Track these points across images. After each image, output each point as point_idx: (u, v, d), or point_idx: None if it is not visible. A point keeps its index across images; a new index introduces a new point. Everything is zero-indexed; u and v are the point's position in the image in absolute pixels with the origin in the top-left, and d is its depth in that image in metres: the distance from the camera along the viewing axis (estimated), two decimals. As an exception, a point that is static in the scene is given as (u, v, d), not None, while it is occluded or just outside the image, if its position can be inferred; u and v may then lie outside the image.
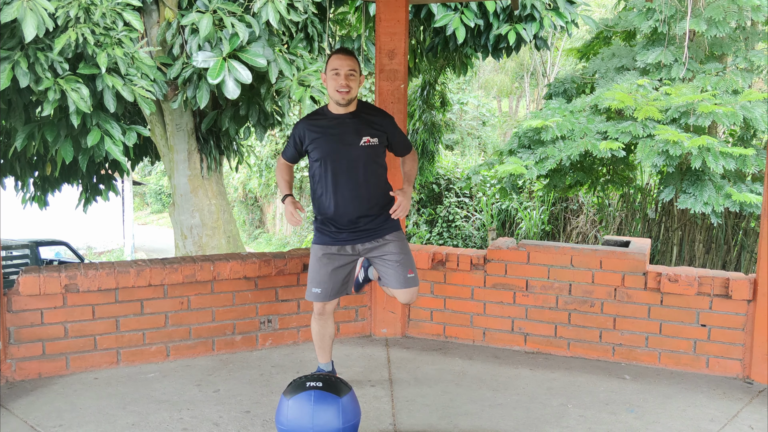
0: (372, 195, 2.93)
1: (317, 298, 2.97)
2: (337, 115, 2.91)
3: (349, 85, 2.83)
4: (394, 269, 2.94)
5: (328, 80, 2.86)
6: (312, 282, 2.98)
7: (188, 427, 2.74)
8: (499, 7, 7.15)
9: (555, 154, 6.73)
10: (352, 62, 2.84)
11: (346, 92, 2.83)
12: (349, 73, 2.82)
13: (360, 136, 2.88)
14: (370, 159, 2.91)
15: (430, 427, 2.78)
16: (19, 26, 4.95)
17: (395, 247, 2.96)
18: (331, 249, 2.95)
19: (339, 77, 2.82)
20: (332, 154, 2.88)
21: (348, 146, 2.88)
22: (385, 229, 2.96)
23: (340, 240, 2.94)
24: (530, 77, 22.63)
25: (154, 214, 29.21)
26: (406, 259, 2.97)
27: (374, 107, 3.04)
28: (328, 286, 2.95)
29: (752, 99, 6.35)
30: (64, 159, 5.74)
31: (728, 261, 8.08)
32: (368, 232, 2.94)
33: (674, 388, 3.24)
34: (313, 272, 2.97)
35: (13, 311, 3.16)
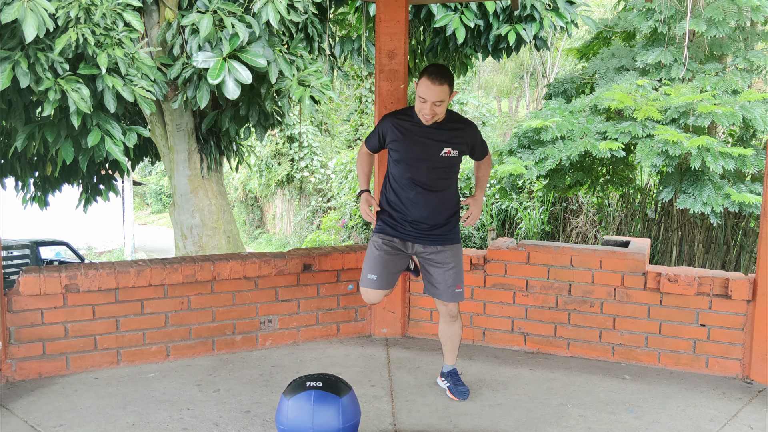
0: (443, 202, 2.98)
1: (373, 284, 3.00)
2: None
3: (434, 113, 2.83)
4: (444, 281, 3.00)
5: (417, 98, 2.84)
6: (369, 269, 3.00)
7: (188, 427, 2.74)
8: (499, 7, 7.15)
9: (555, 154, 6.73)
10: (441, 92, 2.77)
11: (429, 119, 2.86)
12: (437, 102, 2.80)
13: (441, 147, 2.91)
14: (447, 169, 2.96)
15: (430, 426, 2.79)
16: (20, 26, 4.95)
17: (452, 258, 3.01)
18: (393, 241, 3.00)
19: (425, 105, 2.81)
20: (411, 159, 2.93)
21: (428, 154, 2.91)
22: (448, 239, 3.01)
23: (403, 235, 2.99)
24: (530, 77, 22.64)
25: (154, 214, 29.22)
26: (458, 273, 3.03)
27: (460, 117, 3.04)
28: (384, 274, 2.99)
29: (752, 99, 6.35)
30: (65, 159, 5.74)
31: (728, 261, 8.08)
32: (431, 237, 2.99)
33: (674, 387, 3.24)
34: (372, 259, 3.01)
35: (14, 311, 3.17)
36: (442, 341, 3.17)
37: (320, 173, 18.65)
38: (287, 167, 18.96)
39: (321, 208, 18.18)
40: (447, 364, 3.19)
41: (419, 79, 2.84)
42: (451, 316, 3.08)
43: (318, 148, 19.13)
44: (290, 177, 19.09)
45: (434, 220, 2.98)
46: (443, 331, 3.14)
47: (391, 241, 3.01)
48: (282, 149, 19.08)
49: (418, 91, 2.82)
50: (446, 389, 3.14)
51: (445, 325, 3.12)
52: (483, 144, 3.12)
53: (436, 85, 2.78)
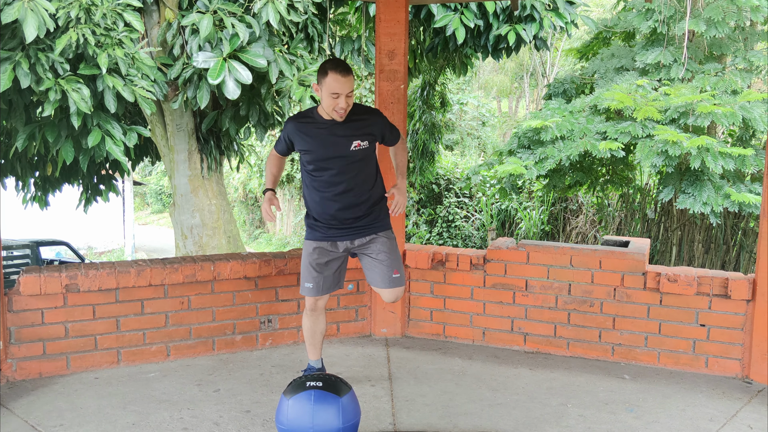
0: (363, 195, 2.95)
1: (310, 292, 3.01)
2: (326, 121, 2.88)
3: (348, 105, 2.80)
4: (380, 268, 2.98)
5: (325, 98, 2.79)
6: (305, 277, 3.02)
7: (188, 427, 2.74)
8: (499, 7, 7.16)
9: (554, 154, 6.74)
10: (350, 83, 2.77)
11: (343, 112, 2.82)
12: (349, 94, 2.79)
13: (351, 141, 2.88)
14: (361, 161, 2.92)
15: (430, 426, 2.79)
16: (20, 27, 4.96)
17: (383, 245, 2.99)
18: (322, 244, 2.99)
19: (339, 99, 2.78)
20: (323, 159, 2.89)
21: (339, 152, 2.88)
22: (376, 227, 3.00)
23: (331, 236, 2.98)
24: (530, 78, 22.65)
25: (154, 214, 29.22)
26: (393, 258, 3.00)
27: (361, 107, 3.00)
28: (320, 280, 3.00)
29: (751, 99, 6.36)
30: (65, 159, 5.75)
31: (727, 261, 8.09)
32: (359, 229, 2.97)
33: (673, 387, 3.24)
34: (305, 267, 3.02)
35: (14, 311, 3.17)
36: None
37: (320, 173, 18.60)
38: (287, 167, 18.96)
39: (321, 208, 18.13)
40: None
41: (324, 77, 2.76)
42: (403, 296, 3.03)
43: (318, 148, 19.08)
44: (290, 177, 19.09)
45: (356, 214, 2.94)
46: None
47: (319, 245, 2.99)
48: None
49: (328, 87, 2.75)
50: None
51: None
52: (393, 129, 3.06)
53: (345, 77, 2.76)
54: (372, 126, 2.95)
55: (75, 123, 5.32)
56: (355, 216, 2.95)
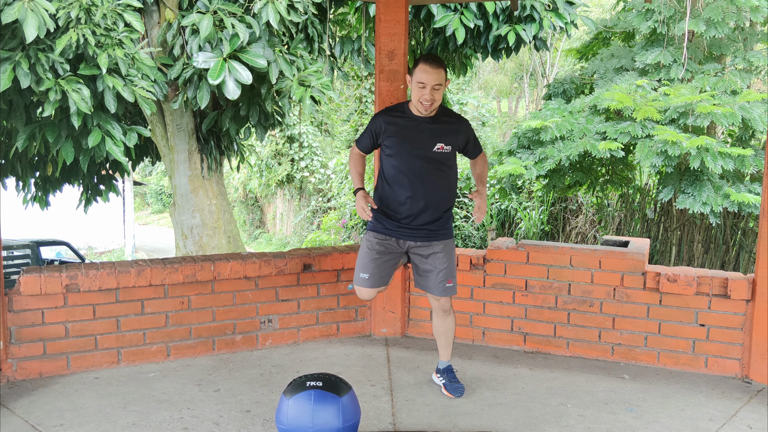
0: (438, 198, 2.98)
1: (365, 283, 3.02)
2: (416, 117, 2.94)
3: (433, 98, 2.84)
4: (436, 275, 3.02)
5: (413, 88, 2.86)
6: (362, 268, 3.02)
7: (189, 427, 2.75)
8: (499, 7, 7.17)
9: (554, 154, 6.74)
10: (439, 75, 2.81)
11: (429, 105, 2.86)
12: (436, 87, 2.82)
13: (435, 143, 2.92)
14: (441, 164, 2.96)
15: (430, 426, 2.79)
16: (20, 27, 4.96)
17: (443, 253, 3.02)
18: (387, 239, 3.01)
19: (424, 90, 2.82)
20: (405, 155, 2.93)
21: (422, 150, 2.92)
22: (441, 234, 3.02)
23: (397, 233, 3.00)
24: (529, 78, 22.65)
25: (154, 214, 29.23)
26: (450, 268, 3.04)
27: (452, 113, 3.06)
28: (376, 273, 3.01)
29: (751, 99, 6.36)
30: (65, 159, 5.75)
31: (727, 261, 8.09)
32: (425, 233, 2.99)
33: (673, 387, 3.25)
34: (364, 258, 3.02)
35: (15, 311, 3.17)
36: (436, 336, 3.18)
37: (320, 173, 18.66)
38: (287, 167, 18.97)
39: (321, 208, 18.18)
40: (442, 360, 3.20)
41: (415, 67, 2.84)
42: (444, 311, 3.10)
43: (318, 148, 19.14)
44: (290, 177, 19.10)
45: (428, 217, 2.98)
46: (437, 326, 3.16)
47: (384, 239, 3.02)
48: (282, 149, 19.09)
49: (416, 77, 2.82)
50: (442, 386, 3.16)
51: (439, 319, 3.14)
52: (476, 141, 3.12)
53: (434, 68, 2.81)
54: (459, 132, 2.99)
55: (75, 123, 5.32)
56: (425, 219, 2.97)
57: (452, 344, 3.20)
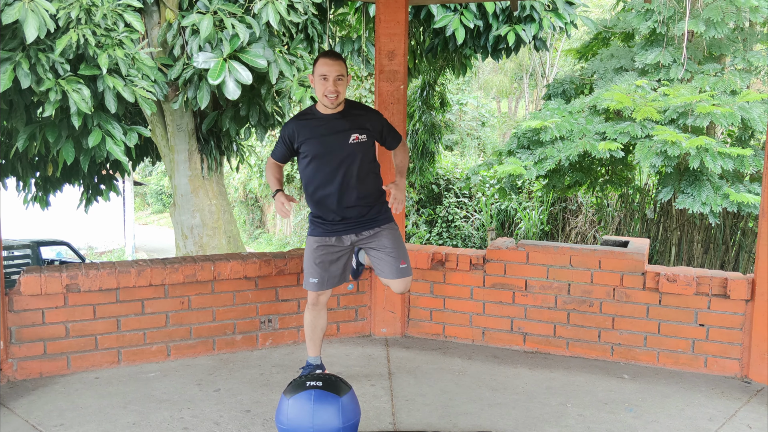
0: (364, 190, 3.01)
1: (314, 287, 3.06)
2: (325, 115, 2.97)
3: (337, 90, 2.88)
4: (387, 260, 3.04)
5: (316, 84, 2.91)
6: (309, 272, 3.06)
7: (189, 426, 2.75)
8: (499, 8, 7.17)
9: (554, 154, 6.75)
10: (339, 67, 2.88)
11: (334, 97, 2.90)
12: (338, 78, 2.87)
13: (349, 135, 2.95)
14: (361, 155, 2.98)
15: (430, 426, 2.80)
16: (21, 27, 4.96)
17: (388, 237, 3.05)
18: (326, 240, 3.04)
19: (327, 82, 2.87)
20: (323, 153, 2.95)
21: (338, 145, 2.95)
22: (379, 220, 3.06)
23: (335, 231, 3.03)
24: (529, 78, 22.65)
25: (154, 214, 29.23)
26: (399, 249, 3.06)
27: (361, 105, 3.11)
28: (324, 275, 3.04)
29: (750, 100, 6.37)
30: (66, 159, 5.76)
31: (726, 261, 8.09)
32: (362, 224, 3.03)
33: (673, 387, 3.25)
34: (309, 263, 3.06)
35: (15, 311, 3.18)
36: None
37: (320, 173, 18.61)
38: (287, 167, 18.97)
39: (321, 208, 18.14)
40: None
41: (315, 65, 2.90)
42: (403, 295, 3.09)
43: (318, 148, 19.08)
44: (290, 177, 19.10)
45: (360, 208, 3.00)
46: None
47: (324, 241, 3.04)
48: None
49: (318, 71, 2.87)
50: None
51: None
52: (393, 130, 3.13)
53: (333, 60, 2.88)
54: (369, 121, 3.02)
55: (75, 123, 5.33)
56: (357, 211, 3.01)
57: None
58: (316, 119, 2.98)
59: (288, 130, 3.01)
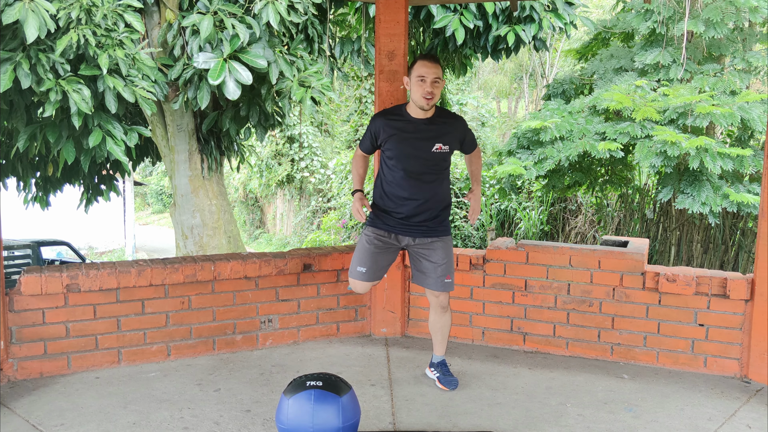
0: (435, 197, 3.06)
1: (362, 277, 3.10)
2: (414, 119, 3.01)
3: (434, 92, 2.92)
4: (434, 271, 3.08)
5: (413, 85, 2.94)
6: (359, 261, 3.10)
7: (189, 426, 2.76)
8: (498, 8, 7.18)
9: (554, 154, 6.75)
10: (437, 69, 2.92)
11: (430, 98, 2.93)
12: (435, 80, 2.91)
13: (433, 143, 2.99)
14: (439, 164, 3.04)
15: (430, 426, 2.80)
16: (21, 27, 4.97)
17: (443, 250, 3.09)
18: (385, 235, 3.08)
19: (425, 84, 2.91)
20: (404, 156, 3.00)
21: (420, 151, 3.00)
22: (439, 231, 3.09)
23: (396, 229, 3.07)
24: (529, 78, 22.66)
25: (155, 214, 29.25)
26: (449, 264, 3.10)
27: (449, 113, 3.13)
28: (372, 267, 3.09)
29: (750, 100, 6.37)
30: (66, 159, 5.76)
31: (726, 261, 8.10)
32: (423, 230, 3.07)
33: (672, 387, 3.26)
34: (362, 252, 3.10)
35: (15, 311, 3.18)
36: (432, 332, 3.25)
37: (320, 174, 18.67)
38: (287, 167, 18.98)
39: (321, 208, 18.20)
40: (436, 355, 3.26)
41: (414, 64, 2.94)
42: (442, 307, 3.16)
43: (318, 148, 19.15)
44: (290, 177, 19.11)
45: (425, 215, 3.05)
46: (433, 322, 3.22)
47: (382, 234, 3.09)
48: (282, 150, 19.11)
49: (416, 72, 2.91)
50: (435, 380, 3.21)
51: (436, 316, 3.20)
52: (472, 138, 3.20)
53: (432, 63, 2.92)
54: (456, 132, 3.07)
55: (76, 123, 5.33)
56: (423, 216, 3.05)
57: (447, 340, 3.26)
58: (404, 121, 3.02)
59: (375, 126, 3.07)
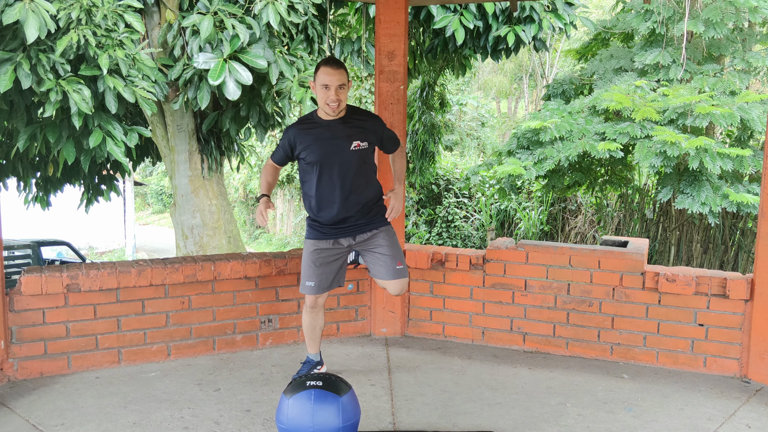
0: (362, 195, 3.04)
1: (311, 291, 3.09)
2: (327, 121, 2.99)
3: (339, 98, 2.90)
4: (383, 261, 3.07)
5: (318, 92, 2.93)
6: (305, 275, 3.09)
7: (189, 426, 2.76)
8: (498, 8, 7.18)
9: (553, 154, 6.76)
10: (341, 75, 2.89)
11: (336, 106, 2.91)
12: (339, 87, 2.89)
13: (350, 142, 2.97)
14: (360, 162, 3.01)
15: (430, 425, 2.81)
16: (21, 28, 4.97)
17: (384, 239, 3.08)
18: (322, 244, 3.07)
19: (329, 91, 2.88)
20: (324, 159, 2.97)
21: (339, 151, 2.97)
22: (376, 223, 3.08)
23: (332, 234, 3.06)
24: (529, 78, 22.66)
25: (155, 214, 29.25)
26: (395, 251, 3.09)
27: (362, 111, 3.12)
28: (321, 279, 3.07)
29: (749, 100, 6.37)
30: (66, 160, 5.76)
31: (726, 261, 8.10)
32: (358, 227, 3.06)
33: (672, 387, 3.26)
34: (306, 266, 3.09)
35: (16, 311, 3.19)
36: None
37: (320, 174, 18.63)
38: (287, 168, 18.97)
39: (321, 208, 18.17)
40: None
41: (316, 74, 2.91)
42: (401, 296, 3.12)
43: (318, 148, 19.10)
44: (290, 177, 19.11)
45: (357, 214, 3.03)
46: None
47: (321, 245, 3.06)
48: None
49: (319, 80, 2.88)
50: None
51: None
52: (392, 136, 3.16)
53: (335, 69, 2.88)
54: (371, 128, 3.05)
55: (76, 123, 5.33)
56: (355, 215, 3.03)
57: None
58: (317, 125, 3.00)
59: (289, 137, 3.03)
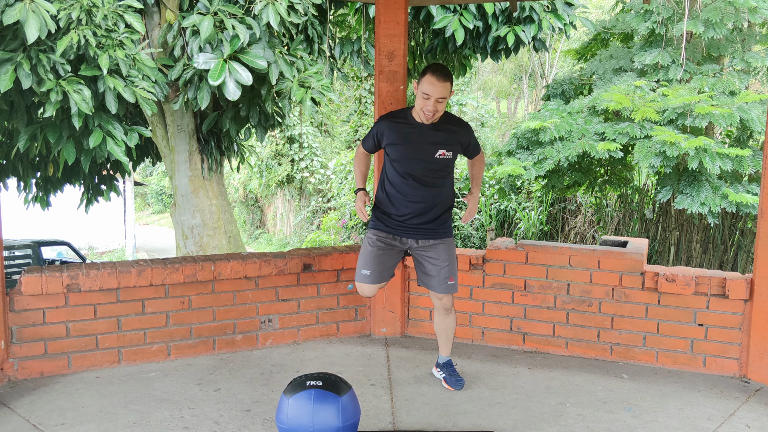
0: (437, 201, 3.06)
1: (366, 279, 3.10)
2: (419, 124, 3.00)
3: (436, 110, 2.90)
4: (437, 273, 3.09)
5: (417, 96, 2.92)
6: (364, 264, 3.10)
7: (189, 426, 2.76)
8: (498, 8, 7.18)
9: (553, 154, 6.76)
10: (444, 89, 2.86)
11: (430, 116, 2.92)
12: (440, 99, 2.87)
13: (436, 149, 2.99)
14: (441, 169, 3.04)
15: (429, 425, 2.81)
16: (22, 28, 4.97)
17: (445, 252, 3.09)
18: (387, 236, 3.09)
19: (428, 101, 2.88)
20: (407, 160, 3.00)
21: (423, 156, 2.99)
22: (441, 233, 3.10)
23: (398, 231, 3.08)
24: (528, 79, 22.67)
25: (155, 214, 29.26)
26: (452, 266, 3.11)
27: (455, 119, 3.11)
28: (377, 269, 3.09)
29: (749, 100, 6.38)
30: (66, 160, 5.76)
31: (725, 261, 8.10)
32: (425, 232, 3.07)
33: (672, 387, 3.27)
34: (365, 255, 3.11)
35: (16, 311, 3.19)
36: (437, 333, 3.27)
37: (320, 174, 18.68)
38: (287, 168, 19.00)
39: (321, 208, 18.21)
40: (442, 355, 3.28)
41: (422, 77, 2.89)
42: (446, 309, 3.18)
43: (318, 148, 19.16)
44: (290, 177, 19.12)
45: (427, 217, 3.06)
46: (438, 323, 3.24)
47: (385, 237, 3.09)
48: (282, 150, 19.12)
49: (422, 87, 2.88)
50: (442, 380, 3.23)
51: (440, 317, 3.22)
52: (477, 143, 3.20)
53: (440, 81, 2.85)
54: (460, 138, 3.06)
55: (76, 124, 5.33)
56: (425, 218, 3.06)
57: (452, 341, 3.28)
58: (408, 125, 3.01)
59: (379, 127, 3.07)
